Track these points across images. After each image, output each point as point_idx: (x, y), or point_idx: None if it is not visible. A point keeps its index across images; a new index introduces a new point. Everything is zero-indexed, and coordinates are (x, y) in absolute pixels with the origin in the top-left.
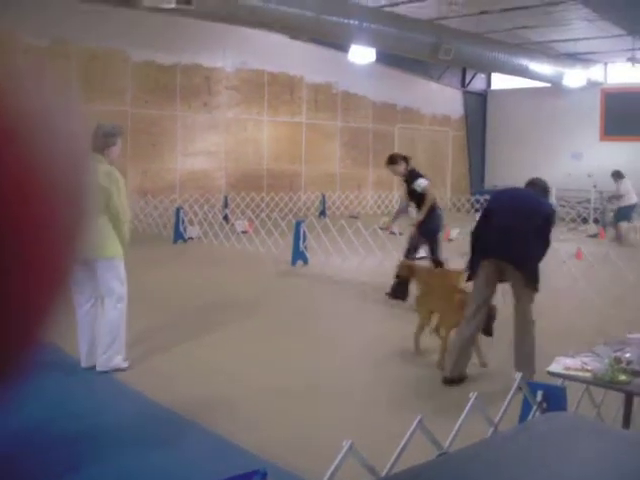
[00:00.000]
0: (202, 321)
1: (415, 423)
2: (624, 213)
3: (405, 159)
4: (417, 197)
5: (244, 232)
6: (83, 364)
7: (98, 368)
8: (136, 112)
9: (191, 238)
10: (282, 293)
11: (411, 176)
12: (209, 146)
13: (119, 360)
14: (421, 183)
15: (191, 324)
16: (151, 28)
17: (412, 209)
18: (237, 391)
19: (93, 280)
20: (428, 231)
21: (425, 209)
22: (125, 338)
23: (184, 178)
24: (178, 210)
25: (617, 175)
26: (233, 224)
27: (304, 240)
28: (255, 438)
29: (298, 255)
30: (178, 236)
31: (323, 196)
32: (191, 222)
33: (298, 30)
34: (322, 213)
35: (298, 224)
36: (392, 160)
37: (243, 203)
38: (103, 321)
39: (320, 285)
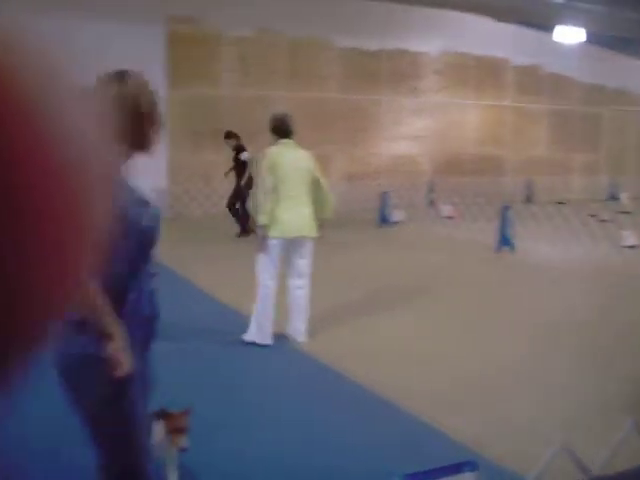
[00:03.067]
0: (398, 302)
1: (628, 426)
2: None
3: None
4: None
5: (449, 217)
6: (269, 340)
7: (298, 339)
8: (342, 98)
9: (396, 222)
10: (484, 279)
11: None
12: (414, 131)
13: (305, 333)
14: None
15: (386, 304)
16: (355, 14)
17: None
18: (431, 374)
19: (292, 257)
20: None
21: None
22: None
23: (389, 162)
24: (383, 194)
25: None
26: (438, 209)
27: (510, 226)
28: (452, 422)
29: (504, 241)
30: (383, 220)
31: (529, 181)
32: (396, 206)
33: (504, 12)
34: (528, 198)
35: (504, 210)
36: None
37: (448, 188)
38: (299, 296)
39: (526, 273)
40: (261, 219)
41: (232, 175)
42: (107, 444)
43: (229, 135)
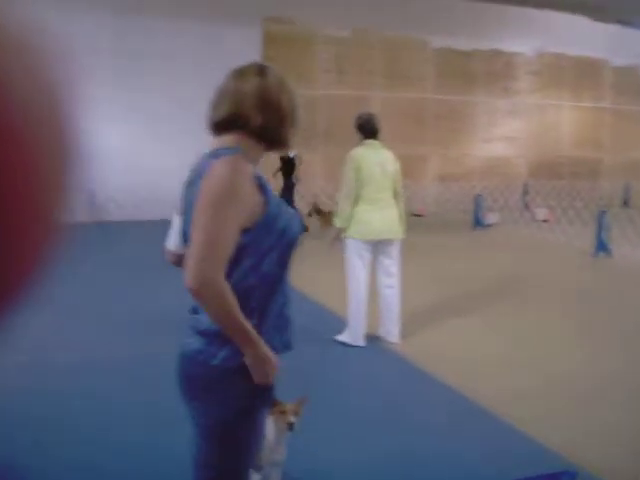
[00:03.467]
0: (491, 305)
1: None
2: None
3: None
4: None
5: (544, 220)
6: (362, 341)
7: (391, 340)
8: (436, 99)
9: (490, 225)
10: (579, 284)
11: None
12: (509, 132)
13: (397, 334)
14: None
15: (479, 307)
16: (450, 14)
17: None
18: (523, 379)
19: (380, 258)
20: None
21: None
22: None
23: (483, 164)
24: (478, 196)
25: None
26: (533, 212)
27: (607, 231)
28: (545, 429)
29: (600, 246)
30: (477, 222)
31: (627, 185)
32: (490, 209)
33: (602, 11)
34: (625, 202)
35: (601, 214)
36: None
37: (543, 190)
38: (389, 295)
39: (623, 278)
40: (338, 222)
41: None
42: (225, 456)
43: None
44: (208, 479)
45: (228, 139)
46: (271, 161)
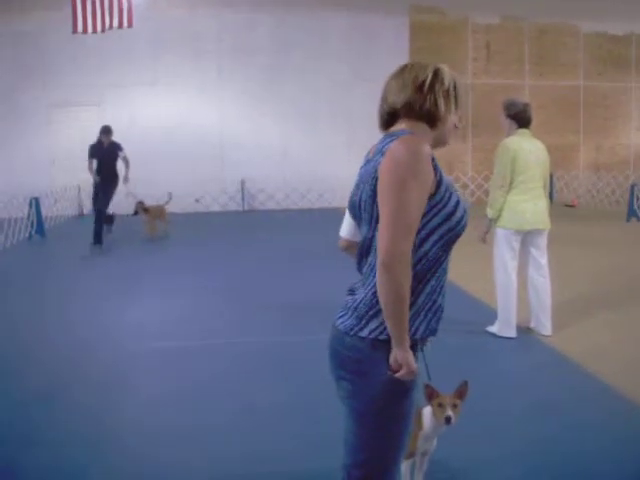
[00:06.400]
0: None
1: None
2: None
3: None
4: None
5: None
6: (513, 332)
7: (543, 332)
8: (588, 85)
9: None
10: None
11: None
12: None
13: (549, 326)
14: None
15: (631, 302)
16: None
17: None
18: None
19: (529, 249)
20: None
21: None
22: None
23: (638, 153)
24: (632, 187)
25: None
26: None
27: None
28: None
29: None
30: (631, 213)
31: None
32: None
33: None
34: None
35: None
36: None
37: None
38: (540, 287)
39: None
40: (490, 212)
41: None
42: (375, 439)
43: None
44: (360, 462)
45: (401, 126)
46: None
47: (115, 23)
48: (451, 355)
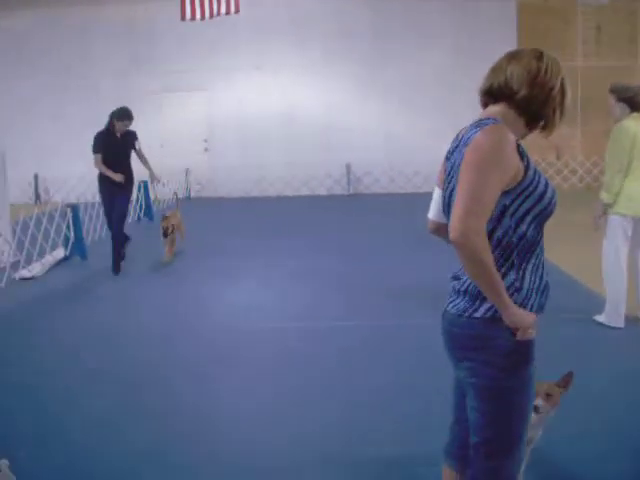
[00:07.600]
0: None
1: None
2: None
3: None
4: None
5: None
6: (621, 322)
7: None
8: None
9: None
10: None
11: None
12: None
13: None
14: None
15: None
16: None
17: None
18: None
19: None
20: None
21: None
22: None
23: None
24: None
25: None
26: None
27: None
28: None
29: None
30: None
31: None
32: None
33: None
34: None
35: None
36: None
37: None
38: None
39: None
40: (606, 197)
41: None
42: (501, 412)
43: None
44: (488, 438)
45: (492, 110)
46: None
47: (223, 10)
48: (558, 343)
